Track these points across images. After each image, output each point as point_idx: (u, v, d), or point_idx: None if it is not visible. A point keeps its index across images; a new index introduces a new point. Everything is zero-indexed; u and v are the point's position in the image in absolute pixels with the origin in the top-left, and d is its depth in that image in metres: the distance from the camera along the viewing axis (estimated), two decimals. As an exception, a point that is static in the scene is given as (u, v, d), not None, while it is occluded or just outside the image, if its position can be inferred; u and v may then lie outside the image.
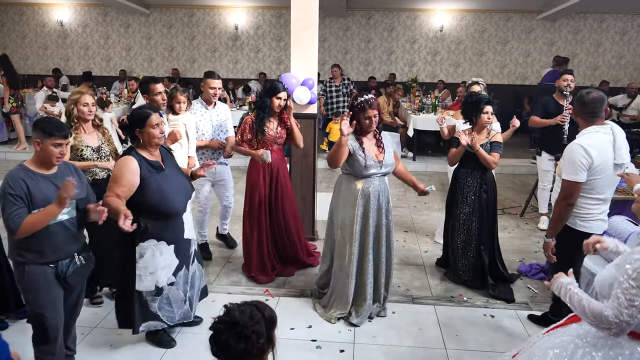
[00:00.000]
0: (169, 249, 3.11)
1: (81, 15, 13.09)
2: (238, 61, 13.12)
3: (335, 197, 3.72)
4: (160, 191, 2.98)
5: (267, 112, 4.09)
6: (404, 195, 7.06)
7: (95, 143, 3.63)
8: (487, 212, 4.12)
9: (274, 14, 12.77)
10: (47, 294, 2.65)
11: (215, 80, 4.40)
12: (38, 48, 13.28)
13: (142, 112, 3.03)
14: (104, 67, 13.28)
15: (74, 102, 3.53)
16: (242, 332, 1.58)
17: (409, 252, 4.99)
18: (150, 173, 2.99)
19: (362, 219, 3.55)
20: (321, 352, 3.28)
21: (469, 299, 4.01)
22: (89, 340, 3.38)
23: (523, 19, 12.36)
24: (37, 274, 2.60)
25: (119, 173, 2.93)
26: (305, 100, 4.75)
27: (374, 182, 3.55)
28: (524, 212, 6.19)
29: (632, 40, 12.27)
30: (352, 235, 3.54)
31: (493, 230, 4.20)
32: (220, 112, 4.57)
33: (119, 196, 2.86)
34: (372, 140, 3.58)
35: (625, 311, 1.82)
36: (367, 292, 3.61)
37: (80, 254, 2.75)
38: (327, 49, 12.82)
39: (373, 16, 12.67)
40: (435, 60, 12.83)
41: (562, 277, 2.16)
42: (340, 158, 3.42)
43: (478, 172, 4.11)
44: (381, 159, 3.54)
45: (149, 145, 3.04)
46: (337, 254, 3.67)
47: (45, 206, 2.51)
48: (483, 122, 4.08)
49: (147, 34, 13.11)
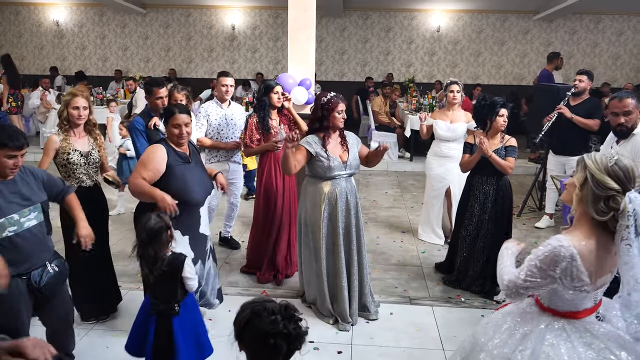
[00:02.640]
0: (183, 239, 3.12)
1: (77, 15, 13.05)
2: (235, 61, 13.10)
3: (301, 200, 3.65)
4: (184, 180, 3.08)
5: (268, 109, 4.18)
6: (400, 195, 7.06)
7: (85, 148, 3.41)
8: (503, 219, 4.02)
9: (271, 14, 12.76)
10: (20, 307, 2.50)
11: (228, 78, 4.48)
12: (34, 48, 13.24)
13: (170, 108, 3.14)
14: (100, 67, 13.25)
15: (66, 104, 3.33)
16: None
17: (406, 253, 4.99)
18: (177, 162, 3.09)
19: (329, 221, 3.50)
20: (319, 354, 3.27)
21: (467, 300, 4.00)
22: (86, 342, 3.36)
23: (520, 19, 12.39)
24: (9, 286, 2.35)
25: (147, 158, 3.05)
26: (303, 101, 4.75)
27: (340, 183, 3.49)
28: (521, 212, 6.19)
29: (628, 41, 12.31)
30: (320, 238, 3.49)
31: (507, 238, 4.09)
32: (234, 112, 4.60)
33: (144, 179, 2.99)
34: (336, 139, 3.52)
35: (521, 282, 1.96)
36: (344, 295, 3.54)
37: (52, 262, 2.64)
38: (324, 49, 12.82)
39: (370, 16, 12.67)
40: (433, 61, 12.84)
41: (504, 245, 2.29)
42: (291, 167, 3.34)
43: (494, 179, 4.00)
44: (345, 159, 3.49)
45: (170, 140, 3.13)
46: (309, 258, 3.63)
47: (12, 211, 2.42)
48: (498, 126, 3.96)
49: (144, 34, 13.08)
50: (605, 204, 1.88)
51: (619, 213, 1.85)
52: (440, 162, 5.01)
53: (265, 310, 1.59)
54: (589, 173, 1.91)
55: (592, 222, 1.93)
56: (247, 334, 1.60)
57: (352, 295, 3.58)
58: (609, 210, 1.87)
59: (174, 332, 2.59)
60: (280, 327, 1.56)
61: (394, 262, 4.75)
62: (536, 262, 1.93)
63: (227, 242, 5.02)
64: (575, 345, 1.96)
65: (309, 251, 3.62)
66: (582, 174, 1.95)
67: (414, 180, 7.94)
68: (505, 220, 4.04)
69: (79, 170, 3.38)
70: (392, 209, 6.46)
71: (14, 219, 2.46)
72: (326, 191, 3.47)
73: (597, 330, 2.00)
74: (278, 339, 1.55)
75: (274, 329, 1.55)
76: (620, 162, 1.90)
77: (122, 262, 4.33)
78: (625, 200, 1.84)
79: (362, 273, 3.65)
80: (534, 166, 7.31)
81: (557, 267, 1.89)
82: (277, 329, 1.55)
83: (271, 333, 1.55)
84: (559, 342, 1.98)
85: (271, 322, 1.56)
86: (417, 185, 7.57)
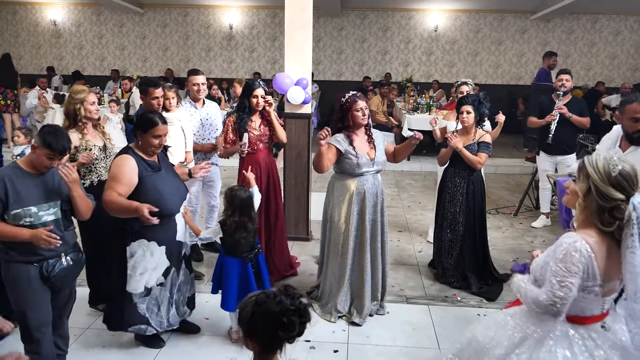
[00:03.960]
0: (160, 249, 3.09)
1: (75, 14, 13.03)
2: (233, 61, 13.10)
3: (328, 197, 3.72)
4: (157, 191, 2.99)
5: (247, 112, 4.07)
6: (397, 195, 7.07)
7: (100, 142, 3.49)
8: (475, 212, 4.13)
9: (268, 13, 12.76)
10: (29, 293, 2.63)
11: (198, 76, 4.35)
12: (31, 47, 13.21)
13: (152, 118, 2.99)
14: (97, 67, 13.23)
15: (80, 102, 3.33)
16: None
17: (402, 252, 5.00)
18: (147, 172, 3.00)
19: (358, 216, 3.56)
20: (315, 353, 3.27)
21: (463, 299, 4.02)
22: (82, 341, 3.36)
23: (517, 19, 12.40)
24: (20, 272, 2.59)
25: (118, 172, 2.94)
26: (299, 100, 4.74)
27: (368, 180, 3.56)
28: (518, 212, 6.21)
29: (625, 41, 12.33)
30: (348, 234, 3.54)
31: (481, 231, 4.21)
32: (209, 111, 4.53)
33: (120, 195, 2.89)
34: (363, 137, 3.59)
35: (559, 292, 1.87)
36: (365, 290, 3.61)
37: (68, 255, 2.72)
38: (322, 48, 12.82)
39: (368, 16, 12.67)
40: (430, 60, 12.85)
41: (515, 277, 2.21)
42: (324, 166, 3.44)
43: (465, 172, 4.11)
44: (373, 157, 3.55)
45: (145, 151, 3.05)
46: (334, 253, 3.65)
47: (31, 203, 2.53)
48: (460, 122, 4.08)
49: (141, 33, 13.07)
50: (610, 214, 1.85)
51: (624, 222, 1.83)
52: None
53: (268, 296, 1.64)
54: (593, 184, 1.87)
55: (597, 227, 1.90)
56: (256, 325, 1.63)
57: (375, 290, 3.67)
58: (614, 220, 1.84)
59: (262, 266, 3.31)
60: (288, 304, 1.61)
61: (390, 262, 4.71)
62: (559, 266, 1.88)
63: (210, 245, 4.83)
64: (575, 353, 1.92)
65: (334, 246, 3.64)
66: (584, 183, 1.90)
67: (411, 179, 7.95)
68: (477, 215, 4.14)
69: (100, 164, 3.44)
70: (389, 209, 6.42)
71: (32, 211, 2.55)
72: (354, 188, 3.53)
73: (601, 338, 1.95)
74: (290, 316, 1.60)
75: (284, 307, 1.61)
76: (624, 170, 1.85)
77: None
78: (629, 209, 1.81)
79: (385, 269, 3.75)
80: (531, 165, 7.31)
81: (578, 263, 1.85)
82: (286, 306, 1.61)
83: (282, 311, 1.60)
84: (558, 349, 1.94)
85: (277, 302, 1.61)
86: (414, 184, 7.58)
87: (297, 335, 1.65)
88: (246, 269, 3.21)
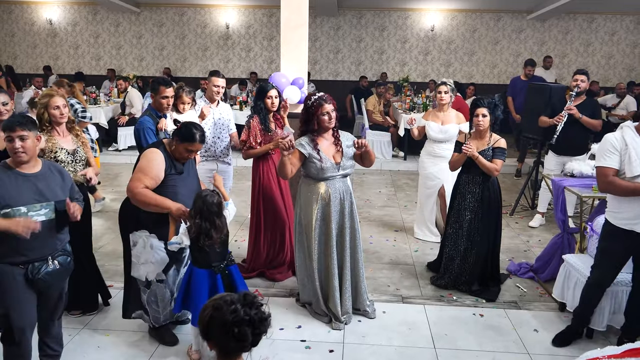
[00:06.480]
0: (159, 244, 3.12)
1: (71, 13, 12.98)
2: (229, 60, 13.08)
3: (297, 200, 3.65)
4: (174, 192, 3.05)
5: (264, 113, 4.15)
6: (394, 194, 7.07)
7: (70, 146, 3.43)
8: (490, 219, 4.01)
9: (265, 13, 12.75)
10: (13, 294, 2.59)
11: (220, 79, 4.41)
12: (27, 47, 13.16)
13: (193, 134, 3.00)
14: (94, 66, 13.19)
15: (44, 106, 3.32)
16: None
17: (398, 252, 5.00)
18: (171, 172, 3.05)
19: (322, 221, 3.49)
20: (310, 352, 3.27)
21: (459, 299, 4.02)
22: (77, 341, 3.35)
23: (513, 19, 12.43)
24: (4, 272, 2.56)
25: (148, 165, 2.97)
26: (295, 100, 4.74)
27: (335, 184, 3.48)
28: (514, 211, 6.21)
29: (621, 41, 12.37)
30: (312, 239, 3.50)
31: (495, 237, 4.09)
32: (223, 111, 4.56)
33: (147, 187, 2.93)
34: (329, 139, 3.50)
35: None
36: (335, 295, 3.54)
37: (56, 258, 2.68)
38: (319, 48, 12.82)
39: (364, 15, 12.68)
40: (427, 60, 12.86)
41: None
42: (287, 172, 3.36)
43: (480, 178, 3.98)
44: (339, 161, 3.46)
45: (174, 154, 3.08)
46: (304, 255, 3.63)
47: (21, 203, 2.50)
48: (475, 126, 3.97)
49: (138, 32, 13.04)
50: None
51: None
52: (433, 161, 5.03)
53: (225, 302, 1.61)
54: None
55: None
56: (212, 330, 1.62)
57: (344, 296, 3.59)
58: None
59: (235, 278, 3.04)
60: (241, 314, 1.59)
61: (386, 261, 4.76)
62: None
63: None
64: None
65: (303, 251, 3.63)
66: None
67: (408, 179, 7.96)
68: (493, 221, 4.04)
69: (67, 168, 3.36)
70: (385, 208, 6.47)
71: (22, 211, 2.52)
72: (321, 192, 3.46)
73: None
74: (241, 327, 1.58)
75: (236, 317, 1.58)
76: None
77: (114, 261, 4.32)
78: None
79: (357, 274, 3.64)
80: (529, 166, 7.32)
81: None
82: (239, 316, 1.58)
83: (234, 322, 1.58)
84: None
85: (232, 311, 1.59)
86: (411, 184, 7.58)
87: (252, 346, 1.63)
88: (215, 281, 2.99)
